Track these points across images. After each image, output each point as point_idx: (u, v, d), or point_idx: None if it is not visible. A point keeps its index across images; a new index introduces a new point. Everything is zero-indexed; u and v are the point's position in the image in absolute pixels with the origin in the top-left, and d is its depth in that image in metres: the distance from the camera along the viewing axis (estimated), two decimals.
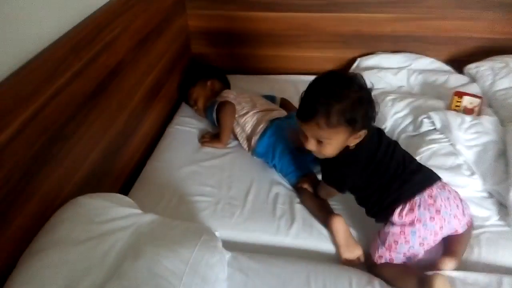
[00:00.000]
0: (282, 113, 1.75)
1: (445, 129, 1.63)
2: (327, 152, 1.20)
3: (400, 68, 2.07)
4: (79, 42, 1.21)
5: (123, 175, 1.55)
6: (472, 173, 1.50)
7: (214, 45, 2.26)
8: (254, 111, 1.73)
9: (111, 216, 1.07)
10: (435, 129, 1.67)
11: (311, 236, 1.35)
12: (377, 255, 1.23)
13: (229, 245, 1.22)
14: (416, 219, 1.17)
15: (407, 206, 1.18)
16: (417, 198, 1.18)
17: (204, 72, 1.99)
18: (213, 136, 1.76)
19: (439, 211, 1.17)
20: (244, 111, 1.74)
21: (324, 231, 1.36)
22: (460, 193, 1.44)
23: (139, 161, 1.67)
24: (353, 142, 1.20)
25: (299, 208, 1.44)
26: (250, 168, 1.62)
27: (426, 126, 1.68)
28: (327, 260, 1.28)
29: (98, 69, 1.32)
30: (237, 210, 1.43)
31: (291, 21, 2.12)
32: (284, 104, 1.90)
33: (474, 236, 1.31)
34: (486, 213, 1.40)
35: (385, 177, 1.21)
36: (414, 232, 1.17)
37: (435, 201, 1.18)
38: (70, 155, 1.19)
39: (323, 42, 2.16)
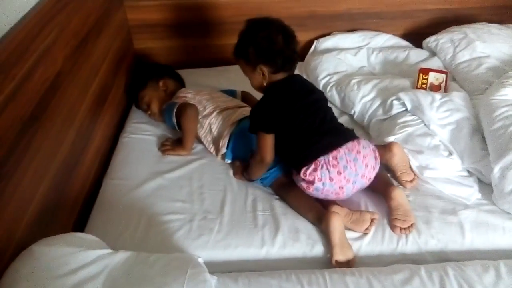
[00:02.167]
0: (249, 109, 1.62)
1: (416, 110, 1.58)
2: (252, 84, 1.40)
3: (359, 48, 2.00)
4: (8, 59, 1.00)
5: (78, 203, 1.35)
6: (450, 153, 1.46)
7: (158, 38, 2.07)
8: (218, 110, 1.59)
9: (76, 264, 0.90)
10: (406, 110, 1.62)
11: (298, 243, 1.25)
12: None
13: (212, 267, 1.10)
14: (317, 178, 1.26)
15: (312, 166, 1.27)
16: (321, 159, 1.26)
17: (153, 71, 1.81)
18: (175, 142, 1.60)
19: (341, 172, 1.26)
20: (207, 111, 1.59)
21: (313, 235, 1.27)
22: (441, 174, 1.43)
23: (94, 182, 1.48)
24: (261, 78, 1.34)
25: (280, 211, 1.34)
26: (221, 174, 1.49)
27: (396, 108, 1.62)
28: (318, 266, 1.19)
29: (35, 86, 1.11)
30: (215, 225, 1.30)
31: (241, 7, 1.98)
32: (246, 97, 1.77)
33: (462, 220, 1.29)
34: (468, 192, 1.38)
35: (301, 128, 1.30)
36: (317, 188, 1.28)
37: (338, 162, 1.26)
38: (15, 196, 0.99)
39: None
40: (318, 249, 1.24)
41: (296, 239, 1.26)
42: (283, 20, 1.34)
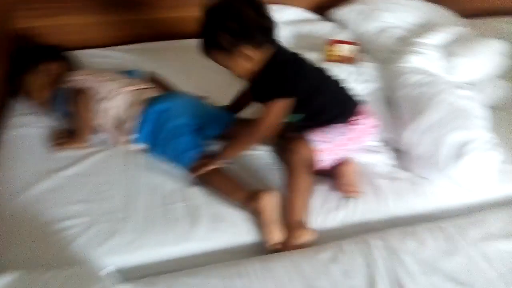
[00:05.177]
0: (158, 91, 1.46)
1: None
2: (238, 74, 1.24)
3: None
4: None
5: None
6: None
7: (45, 15, 1.77)
8: (119, 92, 1.40)
9: None
10: None
11: (223, 233, 1.16)
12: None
13: (126, 273, 0.96)
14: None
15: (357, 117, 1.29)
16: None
17: (35, 54, 1.54)
18: (69, 133, 1.38)
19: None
20: (102, 95, 1.39)
21: (238, 221, 1.18)
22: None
23: None
24: (246, 62, 1.18)
25: (199, 200, 1.22)
26: (126, 166, 1.32)
27: None
28: (248, 255, 1.12)
29: None
30: (124, 226, 1.14)
31: None
32: (154, 79, 1.58)
33: (380, 189, 1.29)
34: (382, 159, 1.39)
35: (327, 86, 1.28)
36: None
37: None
38: None
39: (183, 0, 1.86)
40: (246, 237, 1.16)
41: (219, 228, 1.16)
42: None
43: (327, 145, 1.24)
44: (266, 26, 1.17)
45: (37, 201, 1.19)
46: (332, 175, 1.29)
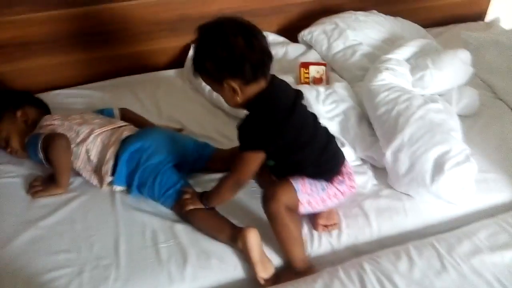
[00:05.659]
0: (132, 128, 1.44)
1: None
2: (227, 102, 1.16)
3: None
4: None
5: None
6: (342, 145, 1.46)
7: (8, 60, 1.75)
8: (95, 133, 1.38)
9: None
10: None
11: (211, 271, 1.14)
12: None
13: None
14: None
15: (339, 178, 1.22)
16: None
17: (7, 100, 1.51)
18: (47, 180, 1.35)
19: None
20: (81, 137, 1.37)
21: (226, 259, 1.16)
22: None
23: None
24: (233, 95, 1.09)
25: (186, 238, 1.20)
26: (108, 209, 1.29)
27: None
28: None
29: None
30: (111, 272, 1.11)
31: (100, 16, 1.76)
32: (126, 115, 1.57)
33: (365, 210, 1.29)
34: (363, 179, 1.39)
35: (312, 143, 1.16)
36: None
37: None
38: None
39: (148, 34, 1.86)
40: (234, 273, 1.14)
41: (207, 266, 1.14)
42: (240, 16, 1.09)
43: (308, 197, 1.17)
44: (257, 59, 1.06)
45: (20, 254, 1.15)
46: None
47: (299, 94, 1.18)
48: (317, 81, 1.69)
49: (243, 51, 1.04)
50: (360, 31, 1.86)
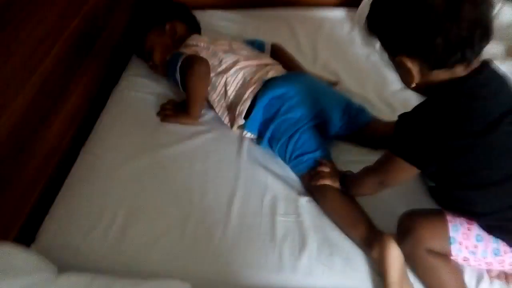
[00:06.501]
0: (279, 69, 1.22)
1: None
2: (402, 80, 0.80)
3: None
4: None
5: (39, 182, 1.02)
6: None
7: None
8: (238, 66, 1.19)
9: None
10: None
11: (330, 272, 0.89)
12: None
13: None
14: None
15: None
16: None
17: (160, 10, 1.39)
18: (179, 106, 1.22)
19: None
20: (223, 67, 1.20)
21: (353, 262, 0.90)
22: None
23: (66, 155, 1.13)
24: (412, 78, 0.75)
25: (309, 219, 0.96)
26: (233, 156, 1.11)
27: None
28: None
29: None
30: (218, 230, 0.94)
31: None
32: (277, 52, 1.34)
33: None
34: None
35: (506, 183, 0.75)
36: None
37: None
38: None
39: None
40: (359, 284, 0.88)
41: (327, 263, 0.90)
42: None
43: (466, 255, 0.81)
44: (459, 37, 0.68)
45: (131, 180, 1.05)
46: None
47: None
48: None
49: (438, 19, 0.68)
50: None
